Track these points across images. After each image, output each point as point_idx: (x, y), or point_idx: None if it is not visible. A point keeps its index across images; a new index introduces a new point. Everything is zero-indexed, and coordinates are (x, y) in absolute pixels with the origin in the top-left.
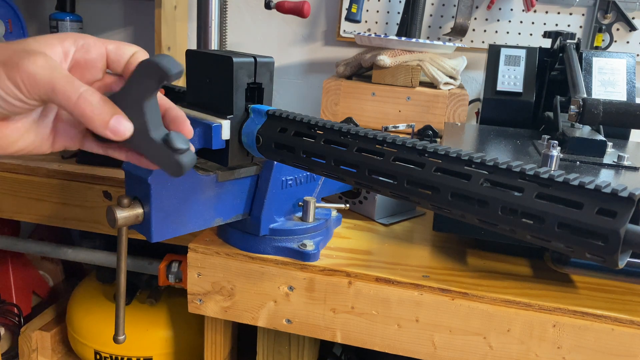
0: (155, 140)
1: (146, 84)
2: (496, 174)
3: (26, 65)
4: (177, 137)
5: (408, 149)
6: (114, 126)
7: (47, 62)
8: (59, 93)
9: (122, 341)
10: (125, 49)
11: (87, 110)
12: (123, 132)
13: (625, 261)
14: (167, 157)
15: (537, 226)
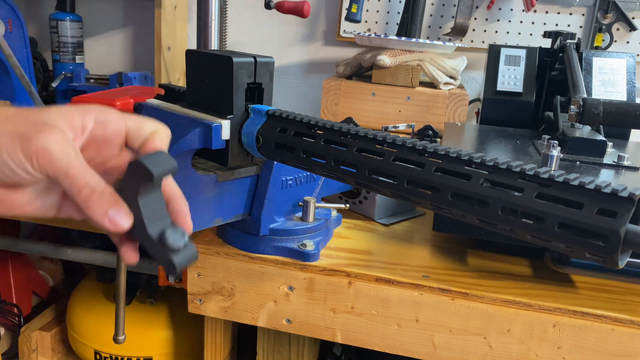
0: (151, 235)
1: (137, 181)
2: (496, 174)
3: (42, 141)
4: (173, 235)
5: (408, 149)
6: (112, 218)
7: (64, 143)
8: (69, 178)
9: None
10: (145, 127)
11: (89, 200)
12: (121, 225)
13: (625, 261)
14: (163, 252)
15: (537, 226)
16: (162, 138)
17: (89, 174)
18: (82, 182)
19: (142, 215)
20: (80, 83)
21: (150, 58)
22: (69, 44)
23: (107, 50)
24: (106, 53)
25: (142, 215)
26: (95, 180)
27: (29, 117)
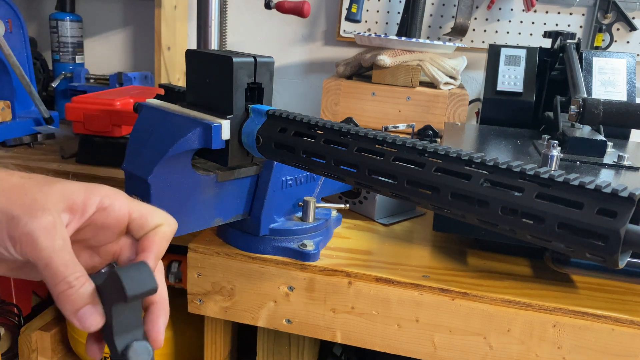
0: (117, 347)
1: (113, 293)
2: (496, 174)
3: (29, 227)
4: (138, 351)
5: (408, 149)
6: (81, 317)
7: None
8: (48, 269)
9: None
10: (150, 220)
11: (63, 295)
12: (88, 326)
13: (625, 261)
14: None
15: (537, 226)
16: (164, 233)
17: (70, 268)
18: (60, 277)
19: (112, 324)
20: (80, 83)
21: (150, 58)
22: (69, 44)
23: (107, 50)
24: (106, 53)
25: (112, 325)
26: (75, 276)
27: (27, 194)
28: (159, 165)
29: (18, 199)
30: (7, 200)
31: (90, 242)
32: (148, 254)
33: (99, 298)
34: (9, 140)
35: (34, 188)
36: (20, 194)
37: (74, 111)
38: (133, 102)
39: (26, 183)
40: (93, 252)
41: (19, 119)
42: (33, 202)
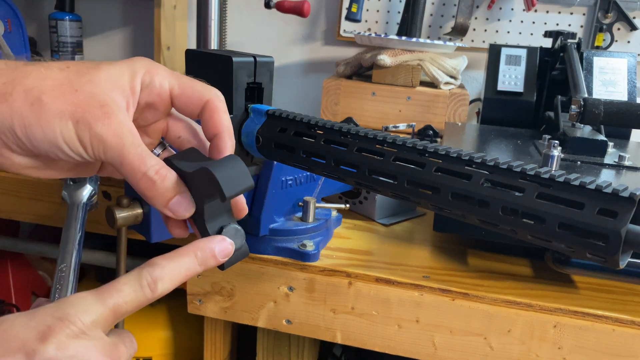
0: (209, 231)
1: (206, 190)
2: (497, 174)
3: (99, 129)
4: (230, 234)
5: (408, 149)
6: (173, 207)
7: (121, 129)
8: (125, 167)
9: None
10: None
11: (149, 191)
12: (182, 214)
13: (626, 261)
14: None
15: (538, 226)
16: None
17: (147, 162)
18: (139, 173)
19: (203, 213)
20: None
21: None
22: (69, 44)
23: (106, 50)
24: (106, 53)
25: (204, 213)
26: (155, 169)
27: (78, 90)
28: None
29: (73, 98)
30: (63, 101)
31: (138, 122)
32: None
33: (185, 185)
34: None
35: (82, 81)
36: (71, 91)
37: None
38: None
39: (70, 77)
40: (142, 133)
41: None
42: (91, 100)
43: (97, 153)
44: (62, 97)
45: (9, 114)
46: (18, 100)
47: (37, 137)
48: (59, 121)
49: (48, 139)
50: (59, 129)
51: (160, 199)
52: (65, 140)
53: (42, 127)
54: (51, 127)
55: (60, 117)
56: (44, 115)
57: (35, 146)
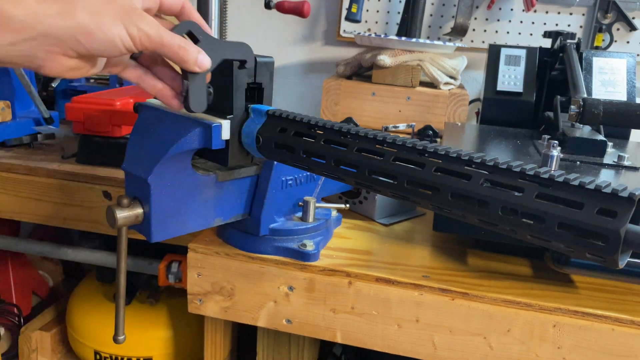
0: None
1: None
2: (496, 174)
3: (142, 25)
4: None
5: (408, 149)
6: (200, 62)
7: (154, 23)
8: (165, 46)
9: (122, 341)
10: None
11: (184, 56)
12: (207, 65)
13: (625, 261)
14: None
15: (538, 226)
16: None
17: (176, 38)
18: (175, 47)
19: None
20: (80, 83)
21: None
22: None
23: None
24: None
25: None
26: (183, 40)
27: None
28: (159, 165)
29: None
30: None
31: None
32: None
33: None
34: (9, 140)
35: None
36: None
37: (74, 111)
38: (133, 102)
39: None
40: None
41: (19, 119)
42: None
43: (143, 43)
44: (109, 7)
45: (74, 26)
46: (80, 15)
47: (98, 39)
48: (114, 25)
49: (108, 40)
50: (116, 30)
51: (191, 58)
52: (121, 38)
53: (102, 32)
54: (109, 30)
55: (114, 21)
56: (102, 22)
57: (93, 47)
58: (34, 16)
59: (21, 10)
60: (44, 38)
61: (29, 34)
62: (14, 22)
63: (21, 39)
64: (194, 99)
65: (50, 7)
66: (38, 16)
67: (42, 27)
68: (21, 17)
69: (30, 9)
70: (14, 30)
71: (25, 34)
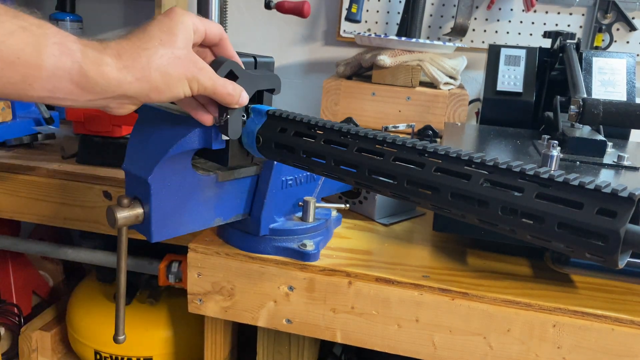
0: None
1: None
2: (496, 174)
3: (202, 79)
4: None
5: (408, 149)
6: (242, 100)
7: (209, 75)
8: (217, 94)
9: (122, 341)
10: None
11: (231, 100)
12: (246, 101)
13: (625, 261)
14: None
15: (537, 226)
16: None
17: (227, 87)
18: (225, 94)
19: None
20: None
21: None
22: None
23: None
24: None
25: None
26: (231, 87)
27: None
28: (159, 165)
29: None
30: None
31: None
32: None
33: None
34: (10, 140)
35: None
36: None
37: (74, 111)
38: None
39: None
40: None
41: (19, 119)
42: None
43: (200, 92)
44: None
45: (148, 88)
46: (154, 78)
47: (165, 96)
48: (179, 82)
49: (174, 95)
50: (181, 88)
51: (235, 100)
52: (184, 92)
53: (170, 90)
54: (176, 88)
55: (179, 80)
56: (171, 82)
57: (161, 100)
58: (116, 83)
59: (104, 80)
60: (121, 98)
61: (107, 95)
62: (97, 88)
63: (100, 98)
64: (232, 128)
65: (130, 74)
66: (120, 83)
67: (121, 91)
68: (104, 85)
69: (112, 77)
70: (95, 93)
71: (104, 95)
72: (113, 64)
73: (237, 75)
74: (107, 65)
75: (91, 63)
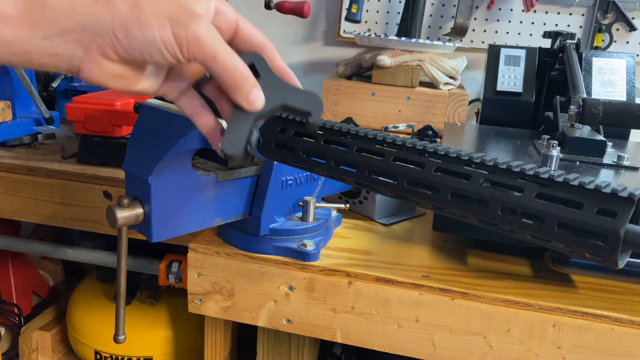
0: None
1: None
2: (496, 174)
3: (195, 28)
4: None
5: (408, 149)
6: (252, 98)
7: (212, 30)
8: (217, 62)
9: (122, 341)
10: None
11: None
12: (258, 103)
13: (625, 261)
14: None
15: (537, 226)
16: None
17: (235, 58)
18: (231, 66)
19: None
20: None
21: None
22: None
23: None
24: None
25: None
26: (242, 64)
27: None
28: (159, 165)
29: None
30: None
31: None
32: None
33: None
34: (9, 140)
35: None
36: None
37: (75, 111)
38: (133, 102)
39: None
40: None
41: (19, 119)
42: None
43: (191, 50)
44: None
45: (110, 18)
46: (119, 4)
47: (136, 37)
48: (157, 21)
49: (147, 39)
50: (157, 29)
51: (244, 89)
52: (163, 39)
53: (141, 28)
54: (150, 27)
55: (158, 17)
56: (143, 16)
57: (132, 47)
58: (69, 4)
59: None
60: (81, 32)
61: (63, 26)
62: (48, 10)
63: (55, 31)
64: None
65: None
66: (73, 3)
67: (76, 16)
68: (54, 3)
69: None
70: (48, 20)
71: (59, 25)
72: None
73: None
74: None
75: None
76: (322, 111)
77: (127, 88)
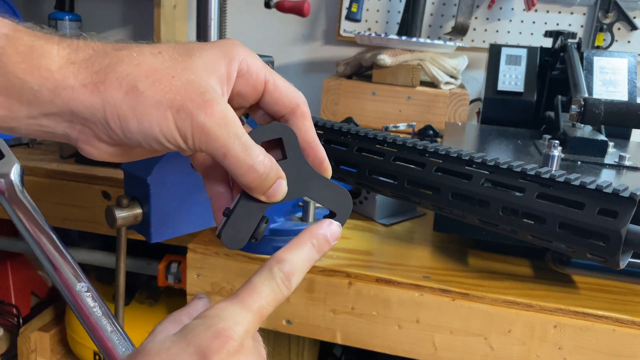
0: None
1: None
2: (497, 174)
3: (202, 119)
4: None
5: (409, 148)
6: (271, 193)
7: (225, 118)
8: (229, 159)
9: None
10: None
11: (253, 183)
12: (278, 197)
13: (626, 261)
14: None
15: (538, 226)
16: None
17: (252, 154)
18: (245, 167)
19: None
20: None
21: None
22: None
23: None
24: None
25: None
26: (260, 161)
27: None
28: (158, 165)
29: (170, 85)
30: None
31: None
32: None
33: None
34: (8, 140)
35: (178, 68)
36: (168, 78)
37: None
38: None
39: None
40: None
41: None
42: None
43: (198, 144)
44: (158, 84)
45: (100, 105)
46: (111, 89)
47: (131, 128)
48: (156, 111)
49: (143, 131)
50: (156, 119)
51: (261, 188)
52: (163, 131)
53: (137, 118)
54: (148, 117)
55: (157, 106)
56: (140, 104)
57: (128, 137)
58: (52, 87)
59: (35, 78)
60: (70, 116)
61: (46, 109)
62: (27, 91)
63: (39, 112)
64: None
65: (74, 76)
66: (56, 88)
67: (61, 101)
68: (35, 86)
69: (48, 77)
70: (29, 103)
71: (42, 108)
72: (56, 55)
73: (286, 154)
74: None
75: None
76: (350, 212)
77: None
